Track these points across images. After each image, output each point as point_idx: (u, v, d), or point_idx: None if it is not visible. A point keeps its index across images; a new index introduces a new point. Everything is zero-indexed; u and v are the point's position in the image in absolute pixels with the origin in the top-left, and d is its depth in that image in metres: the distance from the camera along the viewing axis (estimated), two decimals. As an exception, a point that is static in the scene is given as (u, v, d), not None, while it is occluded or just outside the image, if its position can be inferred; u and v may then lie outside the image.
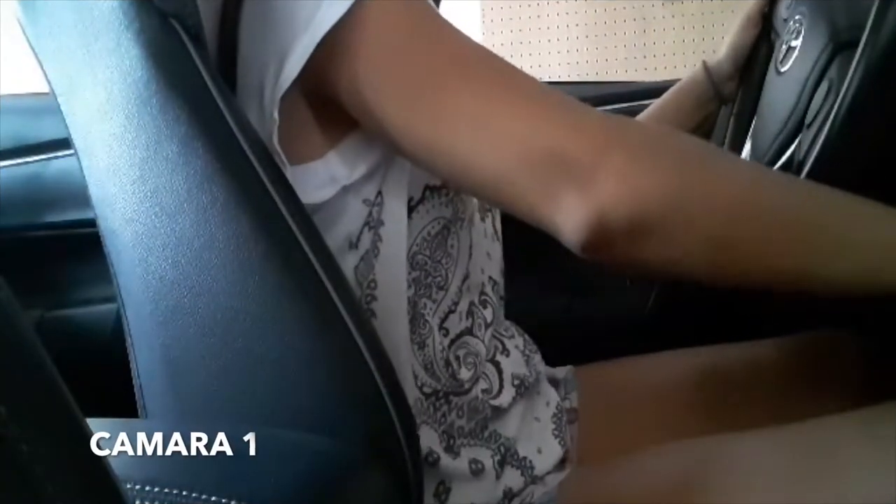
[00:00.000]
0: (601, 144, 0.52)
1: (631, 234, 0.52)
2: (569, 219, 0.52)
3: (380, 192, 0.64)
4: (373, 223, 0.64)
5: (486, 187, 0.56)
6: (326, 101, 0.58)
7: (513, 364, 0.76)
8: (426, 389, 0.68)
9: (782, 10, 0.90)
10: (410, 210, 0.65)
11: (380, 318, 0.64)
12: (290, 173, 0.59)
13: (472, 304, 0.72)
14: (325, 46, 0.55)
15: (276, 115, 0.57)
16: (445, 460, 0.67)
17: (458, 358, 0.70)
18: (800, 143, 0.73)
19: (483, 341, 0.73)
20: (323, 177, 0.61)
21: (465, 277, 0.71)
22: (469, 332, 0.72)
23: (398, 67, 0.55)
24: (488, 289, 0.75)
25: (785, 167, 0.75)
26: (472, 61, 0.56)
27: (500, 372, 0.74)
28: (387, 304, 0.64)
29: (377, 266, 0.64)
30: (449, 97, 0.54)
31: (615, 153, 0.52)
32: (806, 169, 0.68)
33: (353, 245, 0.64)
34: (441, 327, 0.69)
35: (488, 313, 0.74)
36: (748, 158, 0.90)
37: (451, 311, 0.70)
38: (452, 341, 0.70)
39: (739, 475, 0.64)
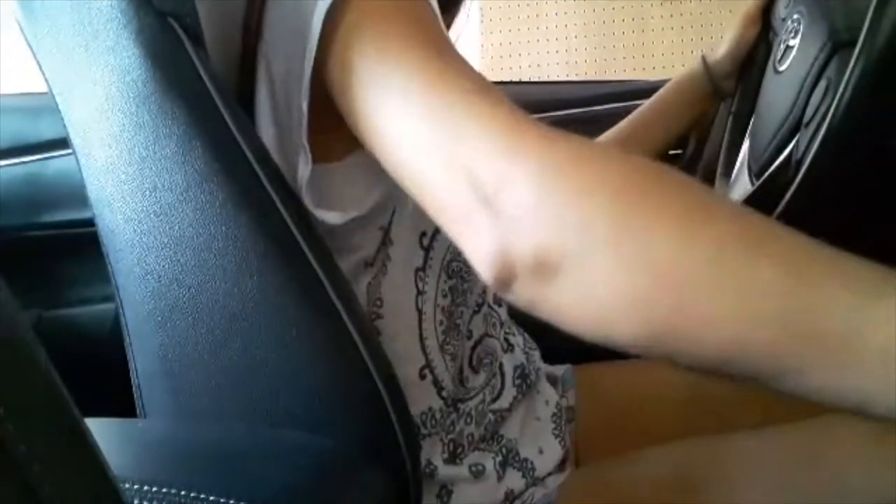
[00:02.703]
0: (511, 166, 0.44)
1: (535, 274, 0.44)
2: (478, 248, 0.46)
3: (393, 211, 0.63)
4: (385, 242, 0.64)
5: (415, 189, 0.50)
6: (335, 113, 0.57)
7: (515, 359, 0.76)
8: (449, 401, 0.68)
9: (780, 10, 0.90)
10: None
11: (384, 336, 0.64)
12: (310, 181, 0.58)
13: (488, 305, 0.73)
14: (323, 41, 0.53)
15: (304, 107, 0.56)
16: (444, 470, 0.68)
17: (479, 360, 0.71)
18: (797, 142, 0.73)
19: (499, 339, 0.74)
20: (336, 199, 0.60)
21: None
22: (487, 333, 0.72)
23: (365, 52, 0.52)
24: None
25: (782, 166, 0.75)
26: (437, 59, 0.50)
27: (502, 374, 0.75)
28: (392, 321, 0.65)
29: (384, 284, 0.64)
30: (398, 89, 0.50)
31: (524, 176, 0.44)
32: (804, 168, 0.68)
33: (370, 264, 0.64)
34: (467, 330, 0.70)
35: (503, 311, 0.75)
36: (746, 158, 0.90)
37: (475, 313, 0.70)
38: (477, 342, 0.70)
39: (740, 474, 0.64)
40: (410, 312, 0.65)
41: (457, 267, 0.67)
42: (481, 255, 0.46)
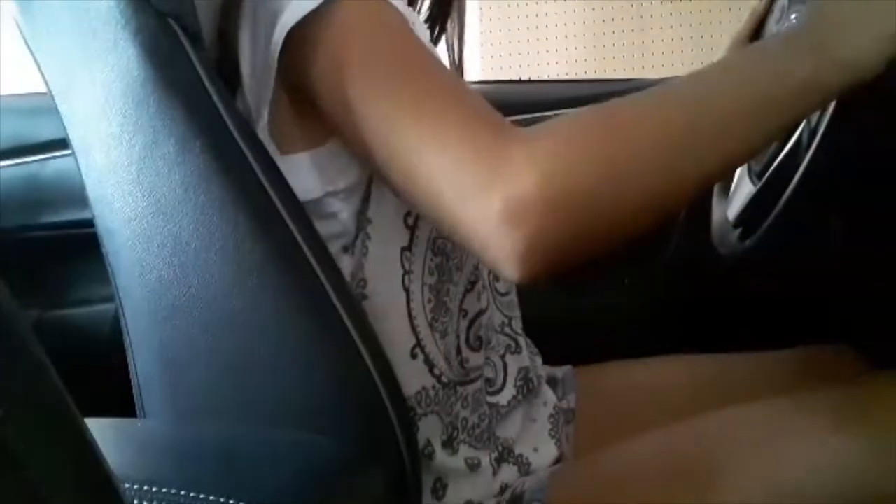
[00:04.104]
0: (504, 149, 0.52)
1: (553, 210, 0.50)
2: (488, 218, 0.51)
3: (368, 193, 0.64)
4: (362, 223, 0.64)
5: (417, 193, 0.55)
6: (303, 94, 0.59)
7: (521, 361, 0.76)
8: (444, 379, 0.68)
9: (772, 26, 0.90)
10: None
11: (372, 318, 0.64)
12: (280, 164, 0.60)
13: (484, 284, 0.73)
14: (298, 36, 0.56)
15: (268, 95, 0.59)
16: (441, 456, 0.68)
17: (478, 337, 0.71)
18: (798, 140, 0.73)
19: (500, 310, 0.75)
20: (307, 175, 0.62)
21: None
22: (483, 310, 0.72)
23: (358, 65, 0.55)
24: None
25: (783, 166, 0.75)
26: (419, 72, 0.56)
27: (506, 369, 0.75)
28: (379, 302, 0.65)
29: (366, 264, 0.64)
30: (394, 104, 0.54)
31: (515, 143, 0.52)
32: (804, 167, 0.68)
33: (347, 248, 0.65)
34: (461, 309, 0.70)
35: (501, 285, 0.76)
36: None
37: (468, 291, 0.70)
38: (472, 321, 0.71)
39: (728, 462, 0.65)
40: (398, 292, 0.65)
41: (442, 244, 0.68)
42: (497, 221, 0.50)
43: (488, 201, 0.50)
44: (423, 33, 0.68)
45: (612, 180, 0.52)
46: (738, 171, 0.91)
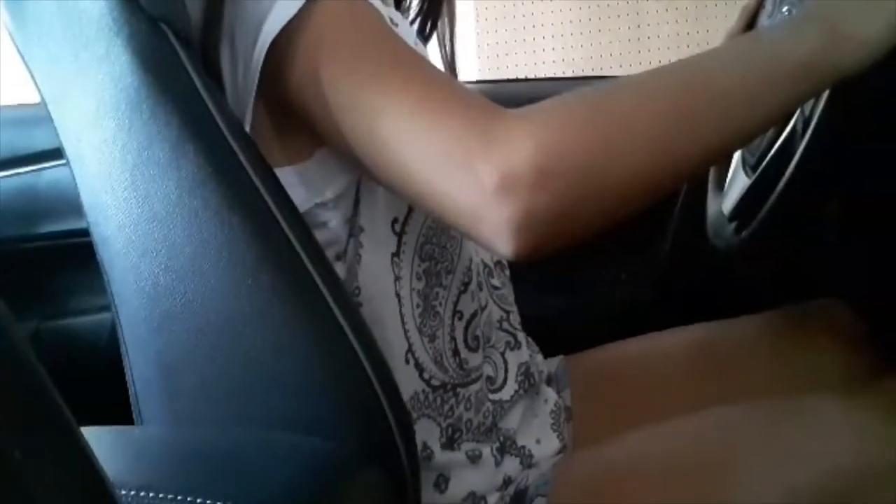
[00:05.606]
0: (497, 123, 0.52)
1: (537, 166, 0.50)
2: (483, 189, 0.51)
3: (357, 201, 0.64)
4: (354, 231, 0.64)
5: (409, 178, 0.54)
6: (287, 107, 0.59)
7: (521, 356, 0.76)
8: (434, 382, 0.68)
9: (763, 21, 0.90)
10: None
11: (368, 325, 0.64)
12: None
13: (479, 282, 0.73)
14: (278, 46, 0.56)
15: (248, 115, 0.59)
16: (440, 456, 0.68)
17: (476, 338, 0.71)
18: (793, 128, 0.73)
19: (498, 305, 0.75)
20: (293, 190, 0.61)
21: (470, 256, 0.72)
22: (483, 308, 0.72)
23: (339, 61, 0.56)
24: (490, 264, 0.77)
25: (779, 155, 0.75)
26: (404, 62, 0.56)
27: (506, 366, 0.75)
28: (373, 309, 0.65)
29: (360, 272, 0.65)
30: (380, 93, 0.54)
31: (508, 121, 0.52)
32: (798, 153, 0.68)
33: (339, 257, 0.65)
34: (455, 311, 0.70)
35: (495, 280, 0.76)
36: (741, 151, 0.90)
37: (461, 293, 0.70)
38: (469, 322, 0.71)
39: (731, 455, 0.65)
40: (390, 299, 0.66)
41: (430, 250, 0.68)
42: (489, 196, 0.50)
43: (482, 173, 0.50)
44: (409, 34, 0.69)
45: (606, 152, 0.52)
46: (732, 165, 0.91)
